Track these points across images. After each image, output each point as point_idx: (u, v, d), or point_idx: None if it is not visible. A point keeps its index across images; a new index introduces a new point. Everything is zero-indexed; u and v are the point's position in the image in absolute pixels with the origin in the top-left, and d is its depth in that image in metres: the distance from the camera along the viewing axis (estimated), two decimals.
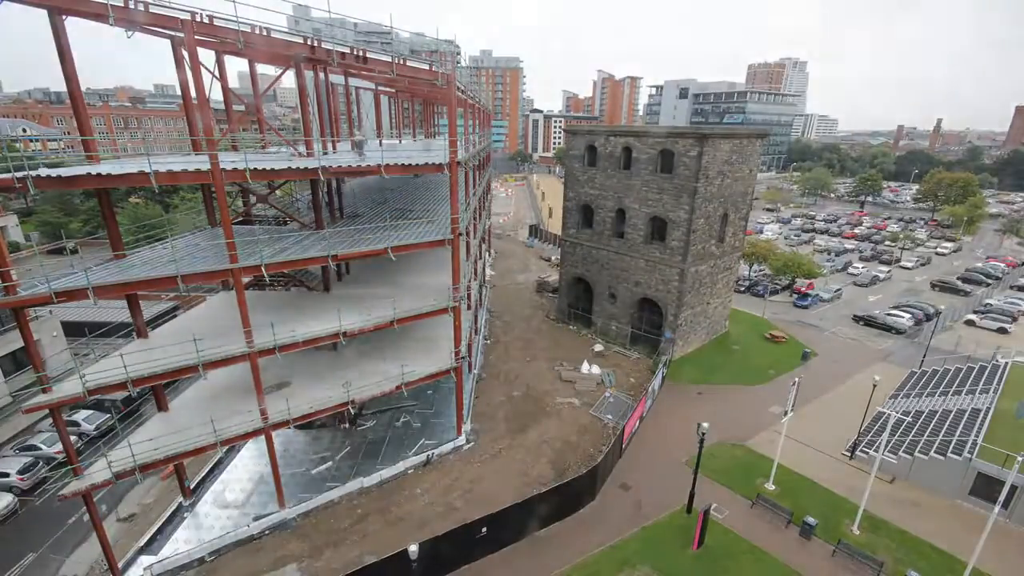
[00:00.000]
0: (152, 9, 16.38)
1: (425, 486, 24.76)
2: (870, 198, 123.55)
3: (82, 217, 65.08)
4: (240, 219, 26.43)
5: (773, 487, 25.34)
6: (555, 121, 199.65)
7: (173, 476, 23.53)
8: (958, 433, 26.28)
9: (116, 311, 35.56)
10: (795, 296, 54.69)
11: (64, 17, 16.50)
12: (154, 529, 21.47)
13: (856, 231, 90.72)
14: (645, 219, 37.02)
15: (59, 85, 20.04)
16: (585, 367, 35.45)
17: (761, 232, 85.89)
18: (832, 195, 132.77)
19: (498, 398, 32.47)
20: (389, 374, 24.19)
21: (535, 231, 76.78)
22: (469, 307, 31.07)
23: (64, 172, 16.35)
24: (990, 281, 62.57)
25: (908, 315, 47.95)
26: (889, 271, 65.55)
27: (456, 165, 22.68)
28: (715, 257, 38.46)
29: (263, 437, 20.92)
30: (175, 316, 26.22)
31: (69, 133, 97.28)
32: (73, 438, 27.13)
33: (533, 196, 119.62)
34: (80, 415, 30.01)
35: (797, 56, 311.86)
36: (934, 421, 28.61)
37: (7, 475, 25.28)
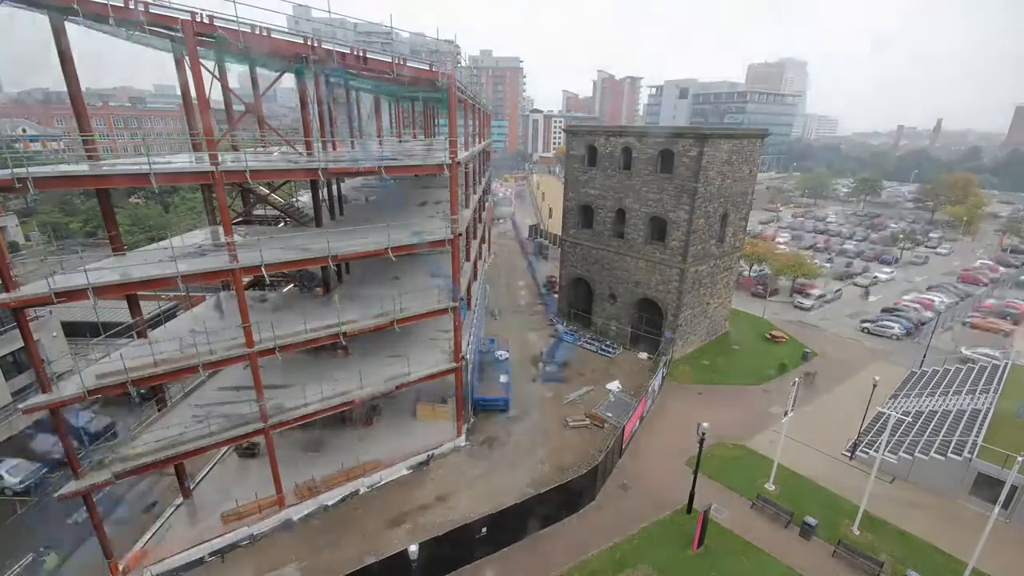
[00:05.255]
0: (152, 9, 16.37)
1: (425, 486, 24.78)
2: (869, 198, 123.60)
3: (82, 217, 65.13)
4: (240, 219, 26.43)
5: (773, 487, 25.34)
6: (555, 121, 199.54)
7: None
8: (958, 433, 26.28)
9: (115, 311, 35.52)
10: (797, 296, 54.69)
11: (64, 18, 16.50)
12: (154, 529, 21.45)
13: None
14: (645, 219, 37.02)
15: (59, 85, 20.03)
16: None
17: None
18: (833, 195, 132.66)
19: None
20: (390, 374, 24.24)
21: (535, 231, 76.84)
22: (470, 307, 31.08)
23: (64, 172, 16.35)
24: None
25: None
26: (891, 271, 65.58)
27: (456, 165, 22.66)
28: (715, 257, 38.45)
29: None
30: (175, 316, 26.22)
31: (69, 133, 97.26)
32: None
33: (533, 196, 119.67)
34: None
35: (797, 56, 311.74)
36: (934, 421, 28.61)
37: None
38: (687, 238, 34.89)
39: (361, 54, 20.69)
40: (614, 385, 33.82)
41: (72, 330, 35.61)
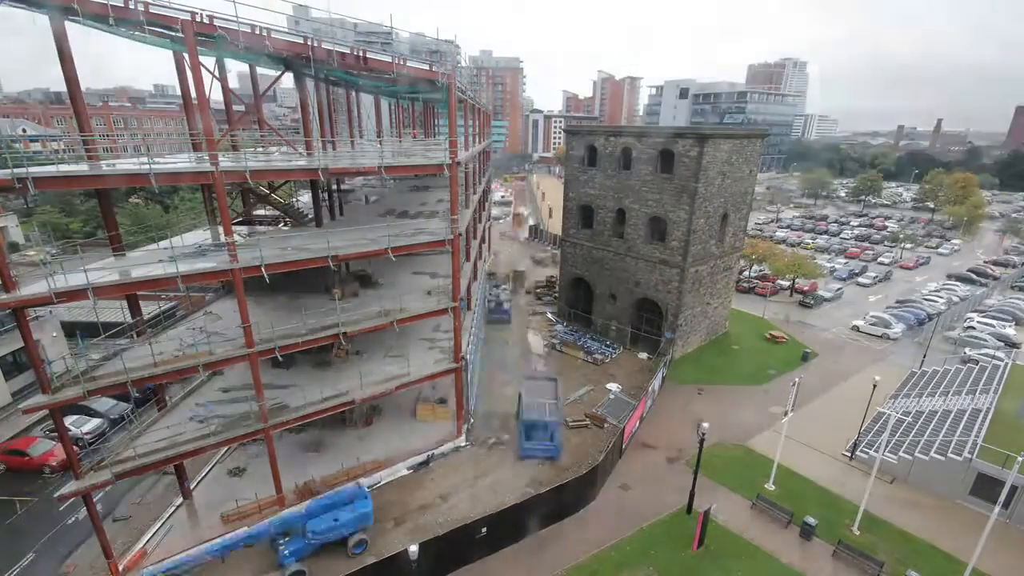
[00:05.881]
0: (152, 9, 16.37)
1: (425, 486, 24.78)
2: (870, 198, 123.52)
3: (82, 217, 65.11)
4: (240, 219, 26.44)
5: (773, 487, 25.34)
6: (555, 121, 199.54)
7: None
8: (958, 433, 26.27)
9: (115, 311, 35.54)
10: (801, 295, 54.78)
11: (65, 18, 16.49)
12: (154, 530, 21.45)
13: None
14: (645, 219, 37.02)
15: (59, 85, 20.07)
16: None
17: None
18: (833, 195, 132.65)
19: (497, 397, 32.46)
20: (390, 374, 24.26)
21: (535, 231, 76.85)
22: (470, 308, 31.08)
23: (64, 172, 16.35)
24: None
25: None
26: (889, 271, 65.56)
27: (456, 165, 22.66)
28: (715, 257, 38.45)
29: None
30: (175, 316, 26.21)
31: (69, 133, 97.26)
32: None
33: (533, 196, 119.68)
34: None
35: (797, 56, 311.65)
36: (934, 421, 28.61)
37: None
38: (687, 238, 34.89)
39: (361, 54, 20.69)
40: (614, 385, 33.84)
41: (67, 331, 35.61)
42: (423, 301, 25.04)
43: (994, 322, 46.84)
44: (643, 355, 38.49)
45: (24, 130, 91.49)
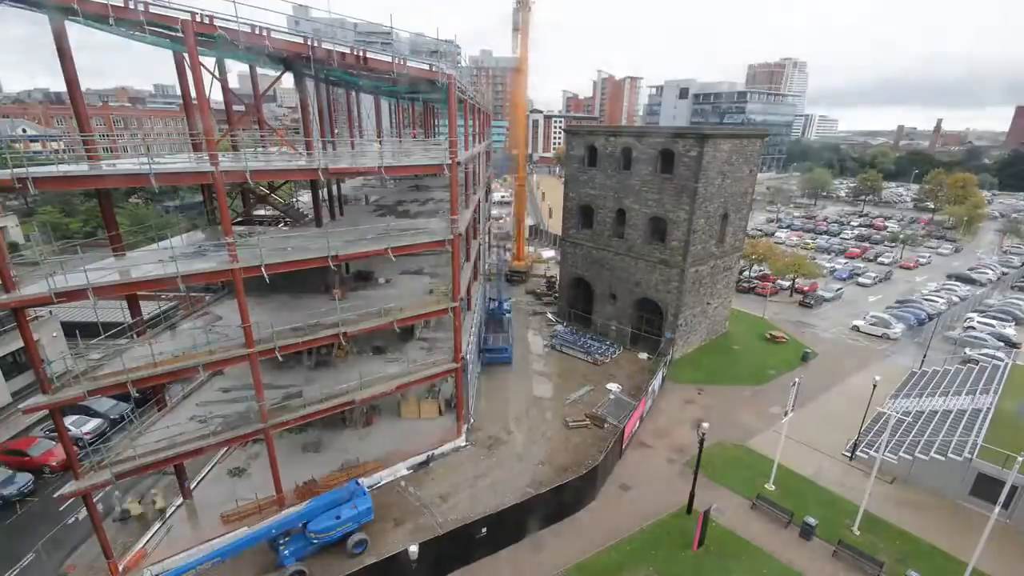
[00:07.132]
0: (152, 9, 16.36)
1: (425, 486, 24.78)
2: (871, 198, 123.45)
3: (82, 217, 65.08)
4: (240, 219, 26.43)
5: (773, 487, 25.33)
6: (555, 121, 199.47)
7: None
8: (958, 433, 26.27)
9: (115, 311, 35.51)
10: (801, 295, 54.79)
11: (65, 18, 16.48)
12: (154, 530, 21.44)
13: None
14: (645, 219, 37.01)
15: (59, 85, 20.04)
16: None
17: None
18: (833, 195, 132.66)
19: (497, 398, 32.46)
20: (390, 374, 24.26)
21: (535, 232, 76.89)
22: (470, 308, 31.08)
23: (64, 172, 16.34)
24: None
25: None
26: (889, 271, 65.53)
27: (456, 165, 22.65)
28: (715, 257, 38.45)
29: None
30: (175, 316, 26.20)
31: (69, 133, 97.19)
32: None
33: (533, 196, 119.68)
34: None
35: (797, 56, 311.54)
36: (934, 421, 28.60)
37: None
38: (687, 238, 34.88)
39: (361, 54, 20.67)
40: (614, 385, 33.83)
41: (67, 331, 35.58)
42: (423, 301, 25.03)
43: (994, 322, 46.86)
44: (643, 355, 38.50)
45: (24, 130, 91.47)
